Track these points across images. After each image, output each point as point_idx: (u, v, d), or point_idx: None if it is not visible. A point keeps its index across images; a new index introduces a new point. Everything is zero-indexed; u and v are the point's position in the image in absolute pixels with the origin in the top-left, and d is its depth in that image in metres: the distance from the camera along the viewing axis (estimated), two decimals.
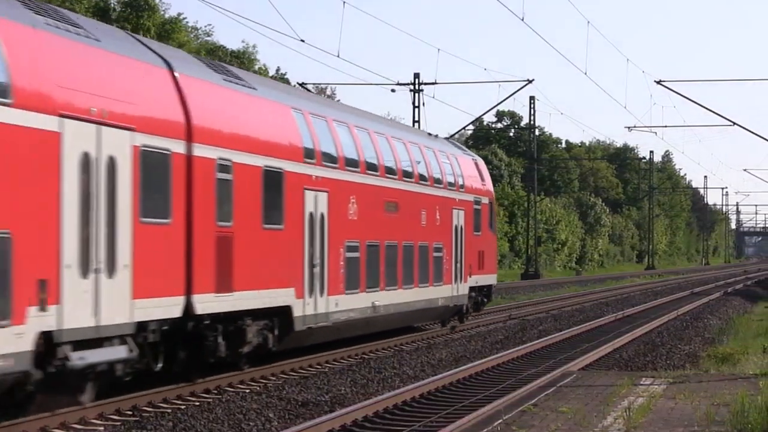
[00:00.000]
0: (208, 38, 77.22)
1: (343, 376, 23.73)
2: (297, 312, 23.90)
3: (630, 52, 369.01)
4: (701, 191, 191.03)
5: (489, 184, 39.31)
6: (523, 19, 40.96)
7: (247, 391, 21.26)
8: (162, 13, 65.91)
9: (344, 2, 40.32)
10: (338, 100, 75.02)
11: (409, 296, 30.84)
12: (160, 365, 19.48)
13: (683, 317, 44.76)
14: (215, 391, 20.99)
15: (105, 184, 17.34)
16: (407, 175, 30.91)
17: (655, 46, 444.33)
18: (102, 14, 59.83)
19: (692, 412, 17.41)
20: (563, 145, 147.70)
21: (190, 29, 73.35)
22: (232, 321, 21.48)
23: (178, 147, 19.46)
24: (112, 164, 17.49)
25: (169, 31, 64.31)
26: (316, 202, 24.96)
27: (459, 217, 35.17)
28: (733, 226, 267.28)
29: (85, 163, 16.86)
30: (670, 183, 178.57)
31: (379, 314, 28.81)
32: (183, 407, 19.07)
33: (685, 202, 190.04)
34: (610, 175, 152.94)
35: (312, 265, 24.74)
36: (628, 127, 62.76)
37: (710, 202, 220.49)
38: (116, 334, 17.73)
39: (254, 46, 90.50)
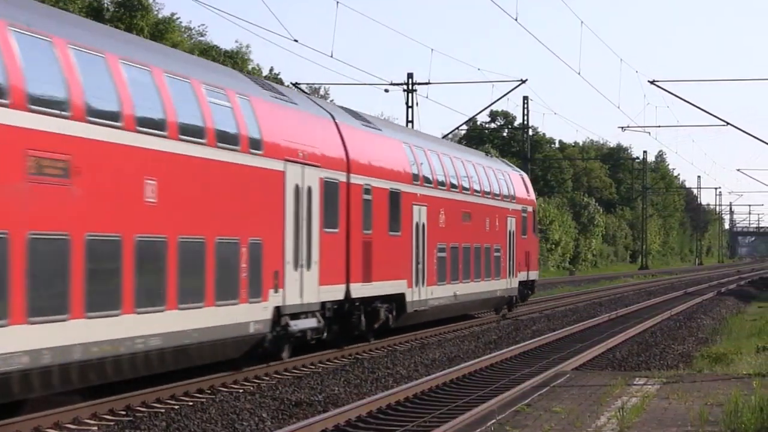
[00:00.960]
0: (201, 38, 77.21)
1: (336, 376, 23.74)
2: (408, 298, 31.78)
3: (623, 52, 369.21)
4: (694, 191, 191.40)
5: (532, 195, 47.37)
6: (516, 19, 41.02)
7: (241, 391, 21.27)
8: (155, 13, 65.82)
9: (337, 2, 40.25)
10: (331, 100, 74.98)
11: (478, 287, 38.71)
12: (326, 334, 26.30)
13: (677, 317, 44.80)
14: (209, 391, 20.99)
15: (306, 206, 24.99)
16: (476, 190, 38.83)
17: (649, 46, 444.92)
18: (95, 14, 59.68)
19: (686, 412, 17.42)
20: (557, 145, 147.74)
21: (183, 29, 73.27)
22: (370, 303, 29.19)
23: (342, 177, 27.25)
24: (309, 191, 25.18)
25: (163, 31, 64.17)
26: (420, 214, 32.85)
27: (511, 224, 43.04)
28: (727, 226, 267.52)
29: (296, 191, 24.52)
30: (664, 183, 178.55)
31: (459, 301, 36.68)
32: (176, 407, 19.07)
33: (679, 202, 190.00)
34: (604, 175, 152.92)
35: (417, 263, 32.52)
36: (622, 127, 62.67)
37: (704, 202, 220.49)
38: (311, 310, 25.35)
39: (248, 46, 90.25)
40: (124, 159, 18.48)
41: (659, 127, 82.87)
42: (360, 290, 28.09)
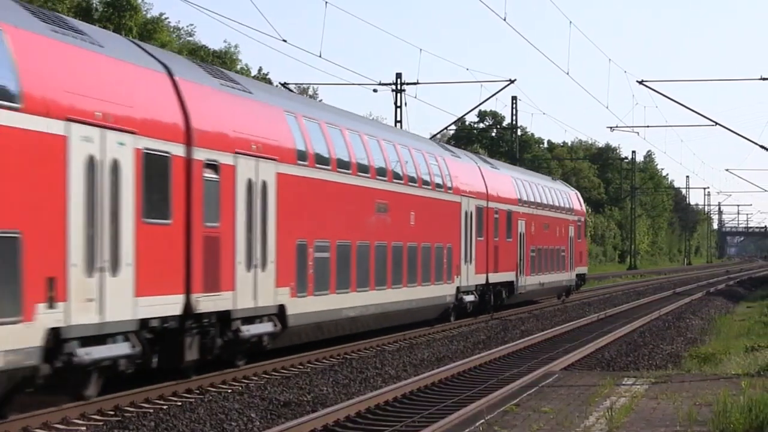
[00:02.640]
0: (189, 38, 77.13)
1: (325, 376, 23.71)
2: (516, 284, 45.35)
3: (612, 52, 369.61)
4: (683, 191, 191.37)
5: (583, 208, 61.91)
6: (505, 19, 40.76)
7: (229, 391, 21.23)
8: (144, 13, 65.72)
9: (326, 2, 40.23)
10: (320, 100, 74.93)
11: (553, 278, 52.73)
12: (470, 309, 39.70)
13: (665, 317, 44.85)
14: (197, 391, 20.96)
15: (469, 223, 38.81)
16: (551, 207, 52.73)
17: (637, 46, 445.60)
18: (84, 14, 59.57)
19: (674, 412, 17.42)
20: (545, 145, 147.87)
21: (172, 29, 73.18)
22: (495, 287, 42.68)
23: (484, 204, 41.25)
24: (471, 214, 39.14)
25: (151, 31, 64.08)
26: (521, 226, 46.50)
27: (571, 231, 56.99)
28: (715, 226, 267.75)
29: (465, 215, 38.52)
30: (652, 183, 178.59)
31: (543, 288, 50.79)
32: (165, 407, 19.03)
33: (667, 202, 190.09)
34: (592, 175, 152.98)
35: (520, 259, 45.98)
36: (610, 127, 62.61)
37: (692, 202, 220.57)
38: (471, 290, 39.16)
39: (236, 46, 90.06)
40: (404, 201, 32.57)
41: (648, 127, 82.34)
42: (493, 277, 41.95)
